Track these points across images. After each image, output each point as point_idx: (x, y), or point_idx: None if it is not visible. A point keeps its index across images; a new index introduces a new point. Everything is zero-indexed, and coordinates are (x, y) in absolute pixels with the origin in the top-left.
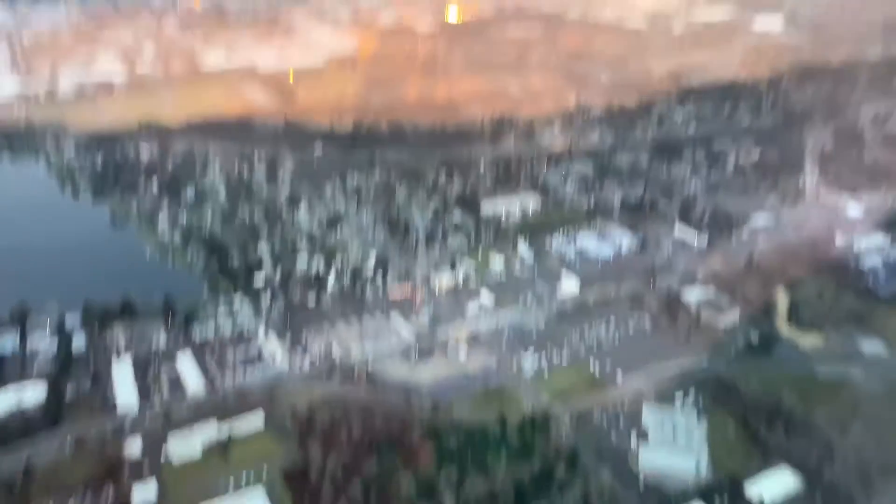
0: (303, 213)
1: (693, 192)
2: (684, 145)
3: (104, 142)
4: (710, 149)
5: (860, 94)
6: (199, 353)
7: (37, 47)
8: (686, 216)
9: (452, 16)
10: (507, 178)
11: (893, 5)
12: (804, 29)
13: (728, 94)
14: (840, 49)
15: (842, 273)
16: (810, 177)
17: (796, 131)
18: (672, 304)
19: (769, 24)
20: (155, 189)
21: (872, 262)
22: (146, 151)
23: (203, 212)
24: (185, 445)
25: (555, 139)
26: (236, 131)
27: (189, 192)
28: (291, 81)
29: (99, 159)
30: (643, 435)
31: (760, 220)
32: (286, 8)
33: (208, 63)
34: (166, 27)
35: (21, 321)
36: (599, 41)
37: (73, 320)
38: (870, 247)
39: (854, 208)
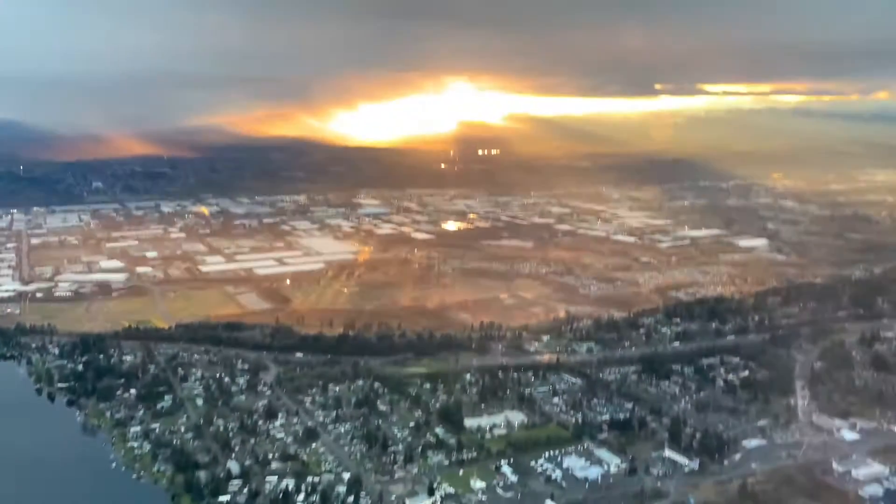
0: (279, 425)
1: (682, 412)
2: (672, 361)
3: (90, 344)
4: (698, 365)
5: (846, 313)
6: None
7: (43, 249)
8: (675, 437)
9: (450, 226)
10: (492, 390)
11: (872, 230)
12: (788, 247)
13: (715, 309)
14: (823, 268)
15: (841, 502)
16: (801, 398)
17: (784, 350)
18: None
19: (754, 241)
20: (132, 396)
21: (873, 490)
22: (131, 355)
23: (177, 422)
24: None
25: (543, 351)
26: (225, 336)
27: (166, 400)
28: (287, 285)
29: (81, 363)
30: None
31: (753, 442)
32: (290, 217)
33: (208, 267)
34: (172, 232)
35: None
36: (589, 254)
37: None
38: (868, 475)
39: (848, 433)
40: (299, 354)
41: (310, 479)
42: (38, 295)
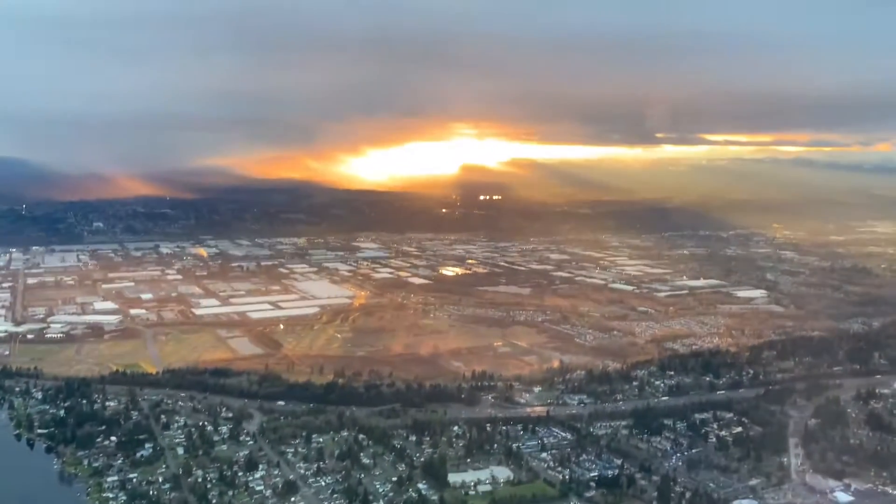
0: (258, 477)
1: (672, 469)
2: (665, 416)
3: (74, 389)
4: (690, 421)
5: (842, 369)
6: None
7: (39, 289)
8: (664, 496)
9: (448, 271)
10: (479, 444)
11: (872, 283)
12: (787, 298)
13: (710, 363)
14: (822, 320)
15: None
16: (794, 457)
17: (778, 406)
18: None
19: (753, 292)
20: (112, 444)
21: None
22: (114, 401)
23: (155, 471)
24: None
25: (534, 403)
26: (211, 382)
27: (146, 449)
28: (280, 329)
29: (63, 408)
30: None
31: (744, 503)
32: (288, 260)
33: (202, 310)
34: (170, 274)
35: None
36: (587, 302)
37: None
38: None
39: (842, 495)
40: (284, 403)
41: None
42: (29, 336)
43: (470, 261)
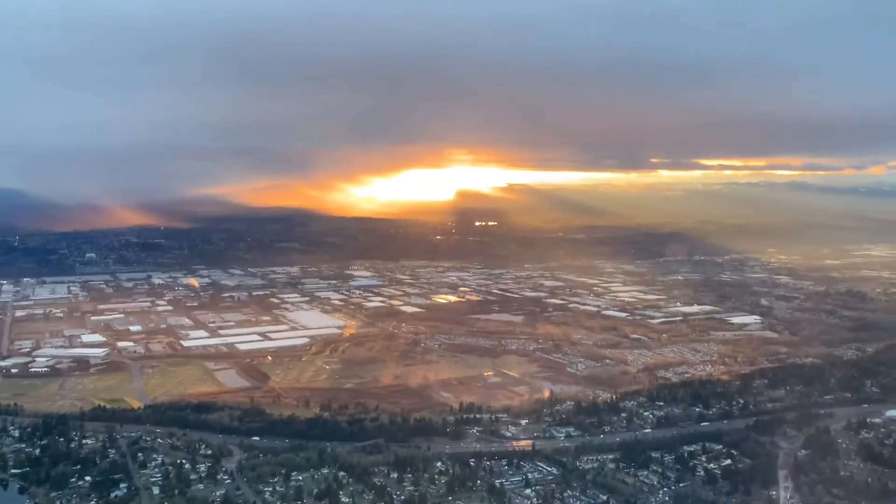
0: None
1: None
2: (653, 448)
3: (52, 426)
4: (678, 453)
5: (833, 397)
6: None
7: (27, 321)
8: None
9: (441, 299)
10: (462, 481)
11: (866, 307)
12: (781, 324)
13: (699, 393)
14: (815, 347)
15: None
16: (783, 490)
17: (767, 437)
18: None
19: (747, 318)
20: (87, 483)
21: None
22: (92, 439)
23: None
24: None
25: (520, 437)
26: (192, 418)
27: (121, 489)
28: (268, 361)
29: (39, 446)
30: None
31: None
32: (280, 290)
33: (191, 342)
34: (160, 305)
35: None
36: (579, 330)
37: None
38: None
39: None
40: (265, 439)
41: None
42: (14, 371)
43: (463, 288)
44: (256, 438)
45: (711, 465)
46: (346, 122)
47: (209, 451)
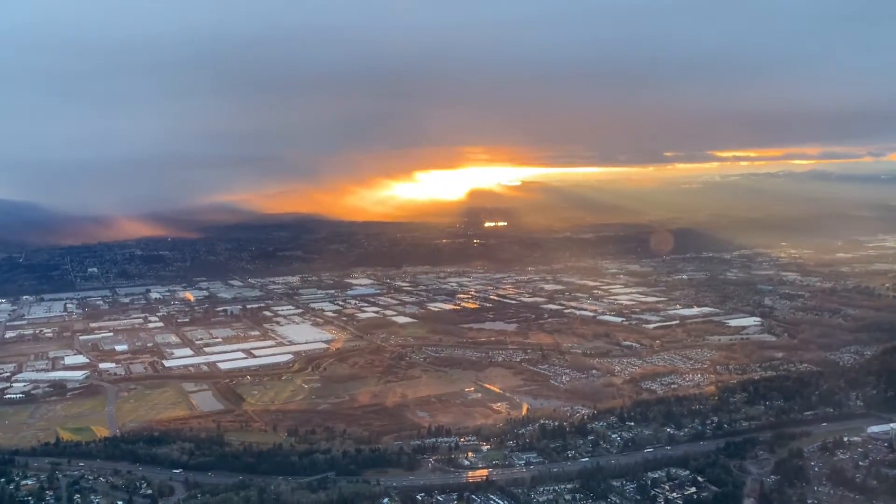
0: None
1: None
2: (615, 476)
3: (4, 464)
4: (641, 481)
5: (813, 413)
6: None
7: (15, 343)
8: None
9: (437, 307)
10: None
11: (872, 305)
12: (781, 326)
13: (674, 410)
14: (812, 351)
15: None
16: None
17: (737, 460)
18: None
19: (746, 320)
20: None
21: None
22: (33, 478)
23: None
24: None
25: (478, 465)
26: (144, 451)
27: None
28: (247, 381)
29: None
30: None
31: None
32: (275, 302)
33: (173, 361)
34: (152, 322)
35: None
36: (572, 338)
37: None
38: None
39: None
40: (214, 473)
41: None
42: None
43: (461, 295)
44: (205, 473)
45: (674, 495)
46: (358, 127)
47: (150, 491)
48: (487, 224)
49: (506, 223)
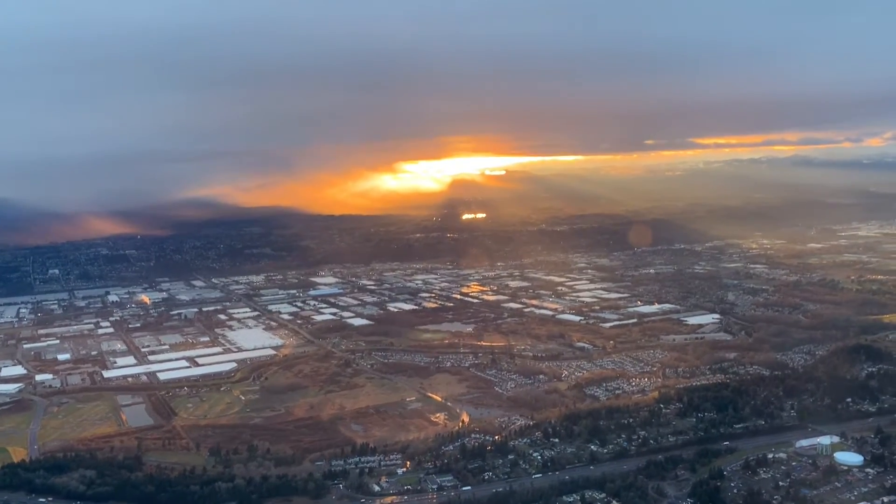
0: None
1: None
2: (526, 501)
3: None
4: None
5: (744, 426)
6: None
7: None
8: None
9: (396, 307)
10: None
11: (833, 299)
12: (739, 324)
13: (600, 425)
14: (765, 351)
15: None
16: None
17: (656, 481)
18: None
19: (705, 318)
20: None
21: None
22: None
23: None
24: None
25: (389, 491)
26: (42, 481)
27: None
28: (183, 393)
29: None
30: None
31: None
32: (233, 303)
33: (112, 372)
34: (102, 328)
35: None
36: (526, 339)
37: None
38: None
39: None
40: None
41: None
42: None
43: (424, 293)
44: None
45: None
46: (340, 120)
47: None
48: (465, 216)
49: (484, 215)
